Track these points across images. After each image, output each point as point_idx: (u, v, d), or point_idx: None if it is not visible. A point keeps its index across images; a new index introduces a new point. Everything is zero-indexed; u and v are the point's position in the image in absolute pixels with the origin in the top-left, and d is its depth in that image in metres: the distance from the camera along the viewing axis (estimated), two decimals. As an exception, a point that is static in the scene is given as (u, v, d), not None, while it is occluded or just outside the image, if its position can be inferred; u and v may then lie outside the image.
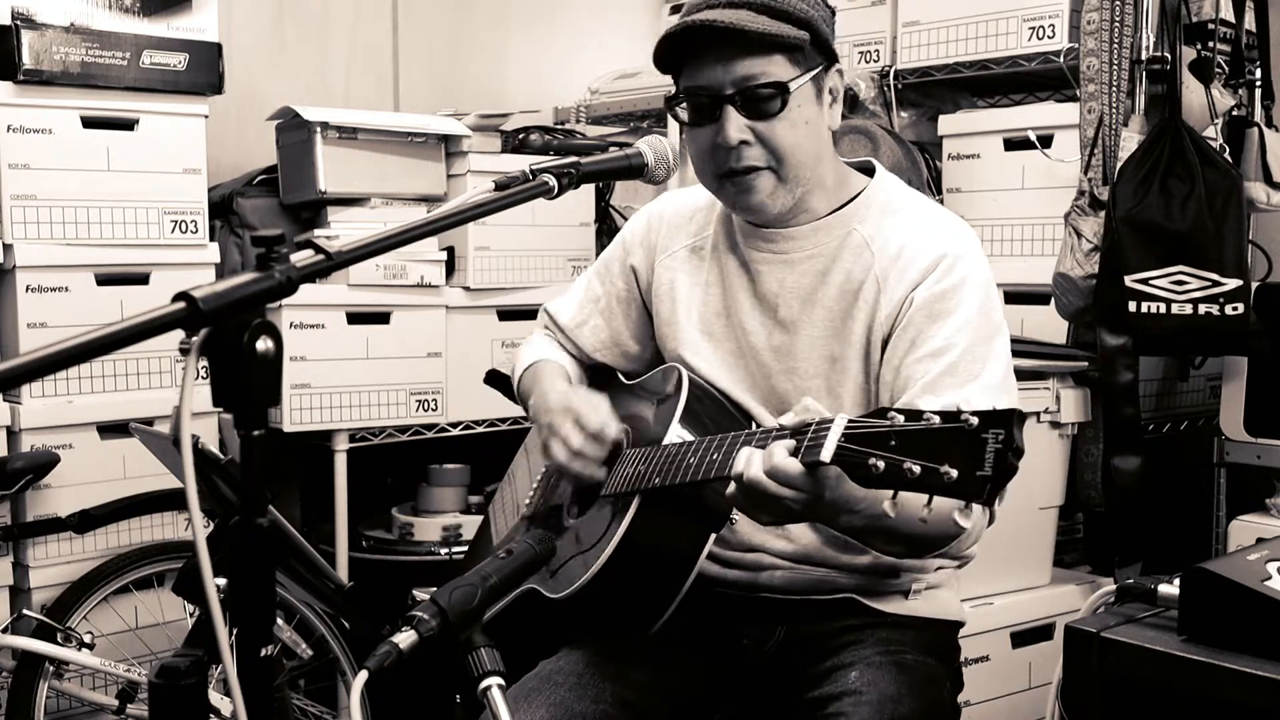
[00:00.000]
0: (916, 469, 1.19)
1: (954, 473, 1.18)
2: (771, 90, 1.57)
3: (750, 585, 1.69)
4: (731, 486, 1.39)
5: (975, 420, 1.18)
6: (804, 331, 1.68)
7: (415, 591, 2.50)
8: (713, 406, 1.67)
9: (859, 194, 1.70)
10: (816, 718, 1.56)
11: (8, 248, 2.62)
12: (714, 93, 1.59)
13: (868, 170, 1.75)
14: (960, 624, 1.78)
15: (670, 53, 1.63)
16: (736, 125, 1.58)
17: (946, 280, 1.60)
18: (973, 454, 1.17)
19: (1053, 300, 2.73)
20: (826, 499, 1.36)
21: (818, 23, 1.60)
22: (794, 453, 1.33)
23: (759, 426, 1.60)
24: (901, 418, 1.22)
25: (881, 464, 1.22)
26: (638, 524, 1.54)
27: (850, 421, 1.27)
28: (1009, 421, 1.17)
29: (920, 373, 1.56)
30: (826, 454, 1.27)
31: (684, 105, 1.63)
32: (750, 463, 1.36)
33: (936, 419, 1.20)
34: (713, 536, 1.57)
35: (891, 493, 1.24)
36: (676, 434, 1.58)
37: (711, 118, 1.60)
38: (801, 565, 1.67)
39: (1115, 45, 2.67)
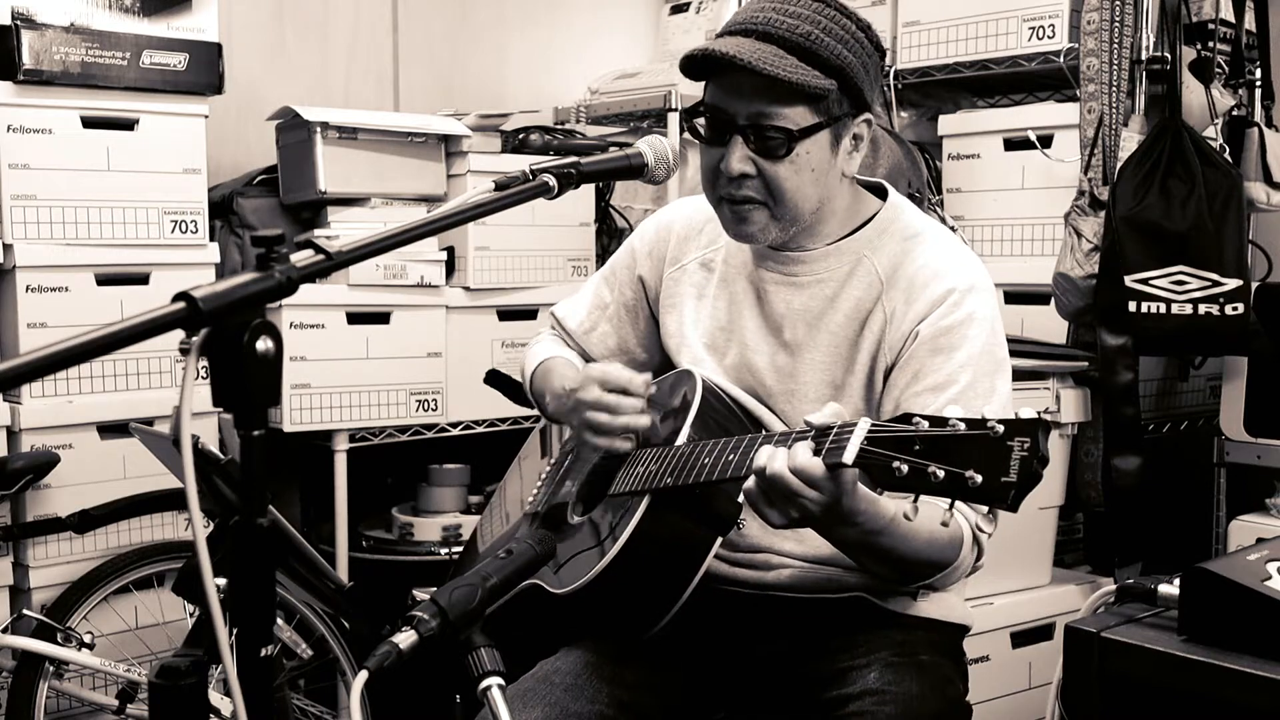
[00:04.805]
0: (941, 473, 1.19)
1: (979, 478, 1.18)
2: (779, 137, 1.55)
3: (758, 584, 1.68)
4: (750, 481, 1.38)
5: (1001, 428, 1.18)
6: (808, 355, 1.67)
7: (415, 591, 2.50)
8: (726, 413, 1.66)
9: (872, 218, 1.69)
10: (835, 717, 1.56)
11: (8, 248, 2.62)
12: (728, 118, 1.58)
13: (880, 190, 1.74)
14: (966, 628, 1.78)
15: (697, 65, 1.61)
16: (740, 157, 1.57)
17: (953, 315, 1.59)
18: (998, 461, 1.18)
19: (1053, 300, 2.73)
20: (845, 505, 1.36)
21: (851, 70, 1.56)
22: (815, 454, 1.33)
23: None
24: (926, 423, 1.22)
25: (905, 467, 1.22)
26: (646, 523, 1.54)
27: (874, 425, 1.27)
28: (1035, 430, 1.18)
29: (920, 406, 1.54)
30: (849, 455, 1.27)
31: (702, 118, 1.62)
32: (774, 458, 1.35)
33: (962, 425, 1.20)
34: (719, 540, 1.57)
35: (904, 511, 1.24)
36: (689, 437, 1.58)
37: (721, 141, 1.59)
38: (811, 564, 1.67)
39: (1115, 45, 2.67)
